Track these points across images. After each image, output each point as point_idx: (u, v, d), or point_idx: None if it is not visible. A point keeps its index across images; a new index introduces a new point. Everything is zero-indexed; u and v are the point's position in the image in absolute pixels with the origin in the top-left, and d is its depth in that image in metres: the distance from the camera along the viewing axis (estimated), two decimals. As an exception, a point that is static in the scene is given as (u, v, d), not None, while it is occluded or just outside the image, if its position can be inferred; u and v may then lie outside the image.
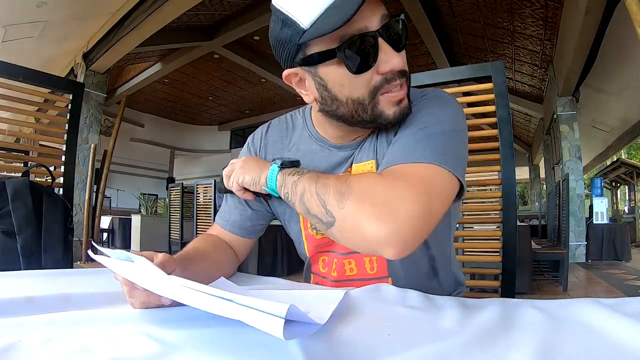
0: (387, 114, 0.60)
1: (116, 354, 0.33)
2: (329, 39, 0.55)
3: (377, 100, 0.59)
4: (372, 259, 0.69)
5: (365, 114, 0.60)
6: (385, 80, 0.58)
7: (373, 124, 0.63)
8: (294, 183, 0.58)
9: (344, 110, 0.61)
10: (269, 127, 0.82)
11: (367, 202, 0.51)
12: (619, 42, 4.40)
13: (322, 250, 0.74)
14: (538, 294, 3.19)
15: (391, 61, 0.56)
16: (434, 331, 0.42)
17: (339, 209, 0.52)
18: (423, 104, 0.64)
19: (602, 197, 5.98)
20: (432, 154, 0.56)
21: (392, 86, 0.58)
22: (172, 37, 7.16)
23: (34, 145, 4.12)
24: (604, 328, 0.40)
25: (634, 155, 15.07)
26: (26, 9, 4.30)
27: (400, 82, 0.59)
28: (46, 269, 0.95)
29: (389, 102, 0.59)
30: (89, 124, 5.49)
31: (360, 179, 0.55)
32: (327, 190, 0.54)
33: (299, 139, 0.75)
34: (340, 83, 0.59)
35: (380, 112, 0.60)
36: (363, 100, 0.59)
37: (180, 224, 4.03)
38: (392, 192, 0.51)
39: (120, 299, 0.51)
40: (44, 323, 0.39)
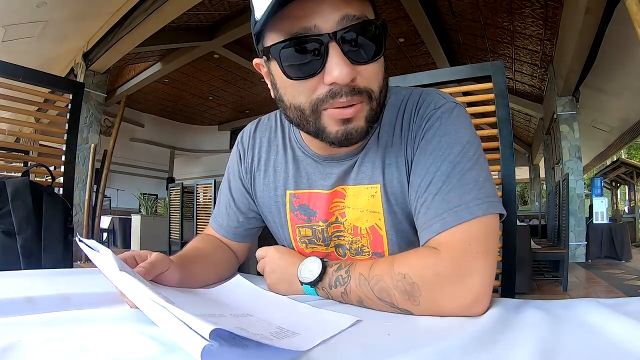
0: (329, 131, 0.53)
1: (116, 354, 0.33)
2: (277, 34, 0.49)
3: (320, 114, 0.52)
4: None
5: (308, 125, 0.53)
6: (329, 93, 0.49)
7: (319, 138, 0.55)
8: (343, 294, 0.52)
9: (291, 115, 0.55)
10: (257, 125, 0.74)
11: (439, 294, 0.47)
12: (619, 42, 4.40)
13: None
14: (538, 294, 3.19)
15: (334, 73, 0.47)
16: (434, 331, 0.42)
17: (414, 306, 0.48)
18: (440, 128, 0.56)
19: (602, 197, 5.98)
20: (475, 203, 0.50)
21: (337, 103, 0.49)
22: (172, 37, 7.16)
23: (34, 145, 4.12)
24: (604, 328, 0.40)
25: (634, 155, 15.06)
26: (26, 9, 4.30)
27: (349, 100, 0.49)
28: (46, 269, 0.95)
29: (332, 118, 0.51)
30: (89, 124, 5.49)
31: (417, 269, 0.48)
32: (390, 294, 0.48)
33: (285, 142, 0.69)
34: (283, 85, 0.53)
35: (322, 128, 0.53)
36: (303, 109, 0.52)
37: (180, 224, 4.03)
38: (458, 271, 0.47)
39: (120, 299, 0.51)
40: (44, 323, 0.39)
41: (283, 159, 0.68)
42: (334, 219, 0.64)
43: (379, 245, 0.62)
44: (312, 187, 0.65)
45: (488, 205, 0.50)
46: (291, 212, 0.67)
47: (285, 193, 0.67)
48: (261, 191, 0.71)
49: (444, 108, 0.57)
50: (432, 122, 0.56)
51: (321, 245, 0.67)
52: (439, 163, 0.53)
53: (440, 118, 0.57)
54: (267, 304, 0.50)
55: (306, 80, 0.49)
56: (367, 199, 0.61)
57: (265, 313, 0.45)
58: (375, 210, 0.61)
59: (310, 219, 0.66)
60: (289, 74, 0.50)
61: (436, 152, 0.54)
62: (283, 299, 0.52)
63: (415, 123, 0.58)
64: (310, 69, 0.48)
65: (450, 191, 0.51)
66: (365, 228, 0.62)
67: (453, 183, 0.52)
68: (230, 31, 7.29)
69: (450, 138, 0.55)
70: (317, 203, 0.65)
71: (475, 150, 0.55)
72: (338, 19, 0.47)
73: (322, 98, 0.50)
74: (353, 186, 0.62)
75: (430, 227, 0.52)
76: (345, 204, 0.63)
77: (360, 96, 0.50)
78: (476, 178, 0.52)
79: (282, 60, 0.49)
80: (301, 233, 0.67)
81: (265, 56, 0.53)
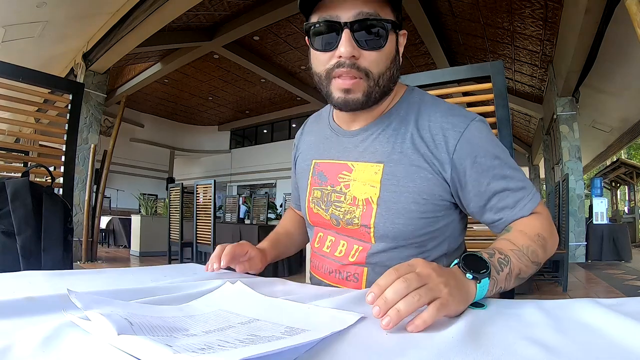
0: (333, 96, 0.68)
1: (116, 354, 0.33)
2: (313, 17, 0.66)
3: (330, 81, 0.67)
4: (358, 249, 0.73)
5: (323, 89, 0.69)
6: (336, 64, 0.65)
7: (330, 102, 0.70)
8: (508, 275, 0.57)
9: (316, 80, 0.70)
10: (312, 117, 0.94)
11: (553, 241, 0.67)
12: (619, 42, 4.41)
13: (319, 226, 0.81)
14: (538, 294, 3.19)
15: (341, 49, 0.63)
16: (433, 331, 0.42)
17: (545, 255, 0.65)
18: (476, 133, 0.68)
19: (602, 197, 5.97)
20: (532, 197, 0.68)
21: (340, 72, 0.65)
22: (172, 37, 7.17)
23: (34, 146, 4.12)
24: (603, 328, 0.40)
25: (634, 155, 15.06)
26: (26, 9, 4.31)
27: (349, 72, 0.64)
28: (46, 269, 0.95)
29: (337, 87, 0.66)
30: (89, 124, 5.49)
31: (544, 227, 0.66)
32: (537, 254, 0.63)
33: (321, 127, 0.85)
34: (312, 56, 0.69)
35: (330, 93, 0.68)
36: (320, 75, 0.68)
37: (180, 224, 4.03)
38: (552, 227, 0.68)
39: (121, 299, 0.51)
40: (43, 323, 0.39)
41: (317, 138, 0.85)
42: (339, 188, 0.75)
43: (368, 217, 0.70)
44: (329, 158, 0.79)
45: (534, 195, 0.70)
46: (312, 176, 0.82)
47: (311, 162, 0.83)
48: (299, 164, 0.89)
49: (478, 119, 0.70)
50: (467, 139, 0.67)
51: (323, 209, 0.77)
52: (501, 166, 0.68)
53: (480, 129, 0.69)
54: (271, 307, 0.50)
55: (324, 53, 0.66)
56: (370, 174, 0.71)
57: (271, 316, 0.45)
58: (374, 185, 0.71)
59: (322, 183, 0.78)
60: (315, 46, 0.67)
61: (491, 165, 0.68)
62: (285, 302, 0.52)
63: (448, 136, 0.68)
64: (328, 46, 0.65)
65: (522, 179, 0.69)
66: (362, 199, 0.71)
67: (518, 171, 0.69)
68: (230, 31, 7.30)
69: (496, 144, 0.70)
70: (329, 171, 0.78)
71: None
72: (354, 13, 0.63)
73: (331, 67, 0.65)
74: (361, 163, 0.73)
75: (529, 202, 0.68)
76: (352, 177, 0.74)
77: (358, 72, 0.65)
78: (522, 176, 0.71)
79: (312, 36, 0.67)
80: (314, 194, 0.80)
81: (306, 34, 0.69)
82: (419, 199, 0.68)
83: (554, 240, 0.67)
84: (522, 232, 0.64)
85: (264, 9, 6.63)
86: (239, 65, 9.12)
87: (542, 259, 0.64)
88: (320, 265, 0.79)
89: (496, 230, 0.70)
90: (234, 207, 6.66)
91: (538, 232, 0.64)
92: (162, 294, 0.55)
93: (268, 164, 13.47)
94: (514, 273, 0.58)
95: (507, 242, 0.61)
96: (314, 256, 0.82)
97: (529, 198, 0.67)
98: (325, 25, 0.64)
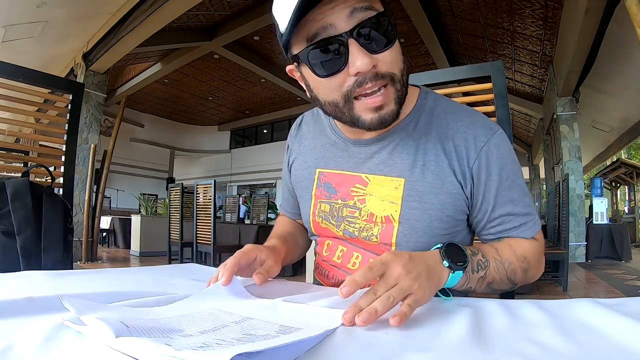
0: (363, 120, 0.59)
1: (116, 354, 0.33)
2: (301, 39, 0.55)
3: (352, 104, 0.58)
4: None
5: (344, 117, 0.60)
6: (356, 83, 0.55)
7: (355, 126, 0.62)
8: (481, 278, 0.59)
9: (328, 111, 0.63)
10: (304, 117, 0.85)
11: (536, 270, 0.67)
12: (619, 42, 4.40)
13: (327, 236, 0.75)
14: (538, 294, 3.19)
15: (357, 63, 0.53)
16: (433, 331, 0.42)
17: (524, 279, 0.65)
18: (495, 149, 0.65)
19: (602, 197, 5.97)
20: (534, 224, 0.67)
21: (365, 89, 0.56)
22: (172, 37, 7.16)
23: (34, 146, 4.12)
24: (603, 328, 0.40)
25: (634, 155, 15.06)
26: (26, 9, 4.31)
27: (374, 84, 0.55)
28: (46, 269, 0.95)
29: (365, 108, 0.58)
30: (89, 124, 5.49)
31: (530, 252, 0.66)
32: (516, 274, 0.63)
33: (321, 130, 0.78)
34: (315, 85, 0.60)
35: (357, 117, 0.59)
36: (337, 103, 0.59)
37: (180, 224, 4.03)
38: (541, 258, 0.69)
39: (120, 299, 0.51)
40: (43, 324, 0.39)
41: (318, 143, 0.77)
42: (352, 203, 0.69)
43: (388, 235, 0.66)
44: (338, 168, 0.72)
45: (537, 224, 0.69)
46: (317, 187, 0.74)
47: (315, 171, 0.75)
48: (296, 170, 0.80)
49: (499, 132, 0.66)
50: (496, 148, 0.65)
51: (333, 224, 0.71)
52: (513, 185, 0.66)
53: (500, 144, 0.66)
54: (263, 307, 0.50)
55: (335, 76, 0.56)
56: (390, 190, 0.66)
57: (264, 315, 0.45)
58: (394, 202, 0.65)
59: (330, 196, 0.72)
60: (319, 74, 0.57)
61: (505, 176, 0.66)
62: (277, 302, 0.52)
63: (470, 147, 0.65)
64: (336, 66, 0.55)
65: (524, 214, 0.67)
66: (380, 216, 0.66)
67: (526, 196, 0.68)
68: (230, 31, 7.30)
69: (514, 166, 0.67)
70: (339, 183, 0.71)
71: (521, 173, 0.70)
72: (348, 12, 0.53)
73: (351, 88, 0.56)
74: (379, 176, 0.67)
75: (529, 228, 0.67)
76: (367, 191, 0.68)
77: (384, 79, 0.56)
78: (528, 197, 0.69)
79: (311, 62, 0.56)
80: (320, 207, 0.73)
81: (295, 62, 0.60)
82: (443, 215, 0.64)
83: (538, 269, 0.67)
84: (510, 247, 0.64)
85: (264, 9, 6.63)
86: (239, 65, 9.12)
87: (520, 281, 0.64)
88: (329, 274, 0.74)
89: None
90: (234, 207, 6.66)
91: (525, 255, 0.64)
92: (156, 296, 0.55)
93: (268, 164, 13.47)
94: (487, 280, 0.60)
95: (493, 250, 0.62)
96: (322, 263, 0.77)
97: (531, 225, 0.67)
98: (324, 44, 0.54)
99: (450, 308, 0.50)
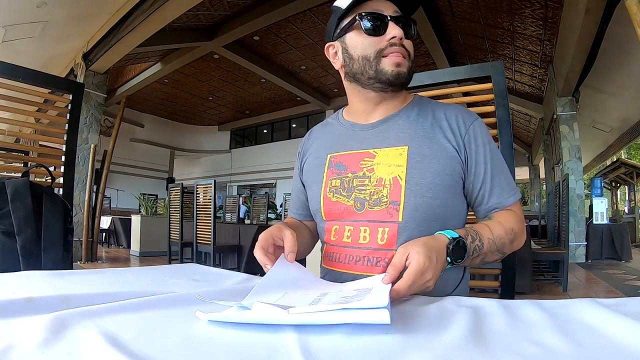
0: (386, 71, 0.76)
1: (116, 354, 0.33)
2: (353, 14, 0.78)
3: (380, 60, 0.77)
4: (385, 230, 0.74)
5: (371, 70, 0.77)
6: (389, 45, 0.76)
7: (375, 80, 0.78)
8: (474, 259, 0.71)
9: (356, 68, 0.79)
10: (312, 129, 0.98)
11: (520, 238, 0.77)
12: (619, 42, 4.40)
13: (334, 219, 0.81)
14: (538, 294, 3.19)
15: (394, 31, 0.75)
16: (433, 331, 0.42)
17: (510, 248, 0.76)
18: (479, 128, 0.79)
19: (602, 197, 5.97)
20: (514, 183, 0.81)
21: (393, 50, 0.76)
22: (172, 37, 7.16)
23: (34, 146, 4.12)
24: (603, 328, 0.40)
25: (634, 155, 15.05)
26: (26, 9, 4.31)
27: (401, 50, 0.76)
28: (46, 269, 0.95)
29: (390, 62, 0.76)
30: (89, 124, 5.49)
31: (517, 223, 0.76)
32: (505, 245, 0.74)
33: (331, 128, 0.91)
34: (356, 45, 0.79)
35: (381, 69, 0.77)
36: (369, 57, 0.77)
37: (180, 224, 4.03)
38: (523, 226, 0.78)
39: (120, 299, 0.51)
40: (43, 324, 0.39)
41: (328, 136, 0.90)
42: (361, 174, 0.79)
43: (397, 194, 0.75)
44: (347, 150, 0.83)
45: (516, 193, 0.81)
46: (328, 169, 0.85)
47: (326, 156, 0.86)
48: (308, 165, 0.91)
49: (480, 119, 0.82)
50: (474, 124, 0.80)
51: (344, 196, 0.80)
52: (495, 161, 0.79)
53: (479, 123, 0.81)
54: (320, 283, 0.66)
55: (375, 37, 0.76)
56: (395, 157, 0.77)
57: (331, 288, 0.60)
58: (400, 165, 0.76)
59: (340, 172, 0.82)
60: (366, 31, 0.77)
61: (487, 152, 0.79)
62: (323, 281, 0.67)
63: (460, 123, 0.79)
64: (377, 32, 0.76)
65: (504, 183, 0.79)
66: (389, 179, 0.76)
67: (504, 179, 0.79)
68: (230, 31, 7.29)
69: (493, 142, 0.82)
70: (348, 160, 0.82)
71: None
72: (395, 9, 0.78)
73: (384, 47, 0.76)
74: (385, 148, 0.79)
75: (498, 201, 0.78)
76: (375, 162, 0.79)
77: (406, 51, 0.77)
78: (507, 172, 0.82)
79: (363, 24, 0.77)
80: (332, 184, 0.82)
81: (343, 34, 0.80)
82: (443, 174, 0.75)
83: (522, 238, 0.78)
84: (500, 224, 0.74)
85: (264, 9, 6.63)
86: (239, 65, 9.12)
87: (508, 250, 0.76)
88: (341, 257, 0.78)
89: (479, 215, 0.81)
90: (234, 207, 6.66)
91: (512, 227, 0.75)
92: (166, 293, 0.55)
93: (268, 164, 13.47)
94: (480, 258, 0.72)
95: (487, 230, 0.72)
96: (331, 249, 0.81)
97: (513, 193, 0.79)
98: (374, 16, 0.76)
99: (450, 308, 0.51)
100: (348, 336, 0.40)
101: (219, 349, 0.37)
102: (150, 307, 0.49)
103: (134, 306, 0.48)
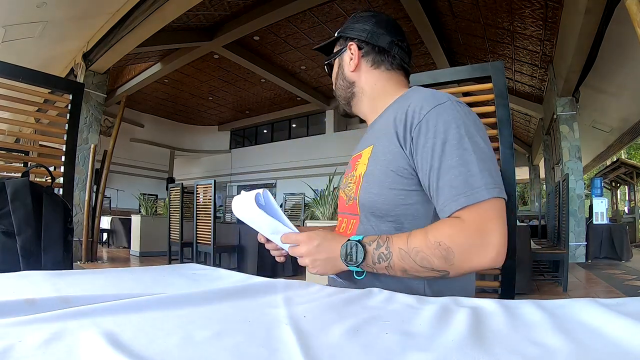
0: None
1: (116, 354, 0.33)
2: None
3: None
4: (352, 222, 0.83)
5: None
6: None
7: None
8: (387, 268, 0.66)
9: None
10: None
11: (467, 255, 0.61)
12: (619, 42, 4.40)
13: (340, 211, 0.91)
14: (538, 294, 3.19)
15: None
16: (433, 331, 0.42)
17: (449, 266, 0.62)
18: (436, 117, 0.69)
19: (602, 197, 5.97)
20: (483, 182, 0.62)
21: None
22: (172, 37, 7.16)
23: (34, 146, 4.13)
24: (603, 328, 0.40)
25: (634, 155, 15.05)
26: (26, 9, 4.30)
27: None
28: (46, 269, 0.95)
29: None
30: (89, 124, 5.48)
31: (447, 236, 0.62)
32: (430, 261, 0.62)
33: None
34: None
35: None
36: None
37: (180, 224, 4.03)
38: (478, 239, 0.61)
39: (120, 299, 0.51)
40: (43, 324, 0.39)
41: None
42: (352, 173, 0.85)
43: (357, 190, 0.80)
44: (355, 152, 0.90)
45: (490, 188, 0.63)
46: (347, 168, 0.92)
47: (351, 157, 0.93)
48: None
49: (447, 103, 0.71)
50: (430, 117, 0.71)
51: (343, 192, 0.89)
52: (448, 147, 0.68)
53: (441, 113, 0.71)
54: None
55: None
56: (367, 154, 0.81)
57: None
58: (365, 163, 0.80)
59: (346, 172, 0.91)
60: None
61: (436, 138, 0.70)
62: None
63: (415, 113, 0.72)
64: None
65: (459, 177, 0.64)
66: (358, 176, 0.81)
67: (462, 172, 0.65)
68: (230, 31, 7.29)
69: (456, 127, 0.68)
70: (352, 161, 0.89)
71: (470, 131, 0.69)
72: None
73: None
74: (366, 149, 0.83)
75: (446, 199, 0.65)
76: (360, 161, 0.84)
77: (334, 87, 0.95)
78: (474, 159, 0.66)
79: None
80: (342, 182, 0.92)
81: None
82: (387, 170, 0.74)
83: (467, 255, 0.61)
84: (424, 235, 0.64)
85: (264, 9, 6.63)
86: (239, 65, 9.12)
87: (441, 267, 0.62)
88: None
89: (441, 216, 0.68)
90: (234, 207, 6.64)
91: (440, 241, 0.61)
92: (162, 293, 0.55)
93: (268, 164, 13.47)
94: (397, 268, 0.65)
95: (403, 240, 0.65)
96: None
97: (462, 195, 0.63)
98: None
99: (450, 308, 0.50)
100: (348, 336, 0.40)
101: (219, 349, 0.37)
102: (150, 307, 0.49)
103: (134, 306, 0.48)
